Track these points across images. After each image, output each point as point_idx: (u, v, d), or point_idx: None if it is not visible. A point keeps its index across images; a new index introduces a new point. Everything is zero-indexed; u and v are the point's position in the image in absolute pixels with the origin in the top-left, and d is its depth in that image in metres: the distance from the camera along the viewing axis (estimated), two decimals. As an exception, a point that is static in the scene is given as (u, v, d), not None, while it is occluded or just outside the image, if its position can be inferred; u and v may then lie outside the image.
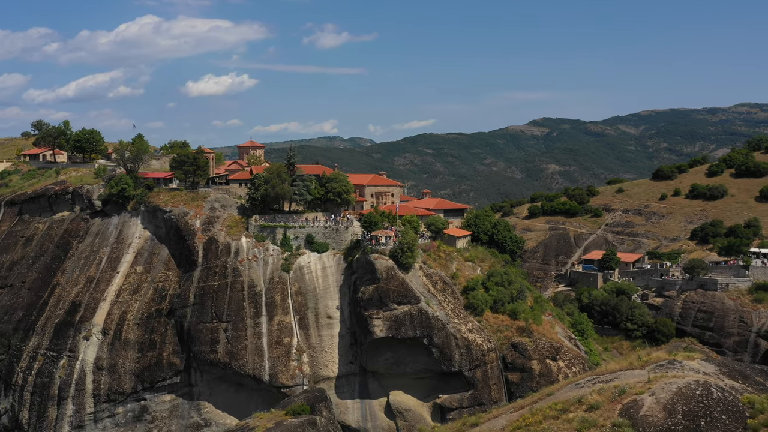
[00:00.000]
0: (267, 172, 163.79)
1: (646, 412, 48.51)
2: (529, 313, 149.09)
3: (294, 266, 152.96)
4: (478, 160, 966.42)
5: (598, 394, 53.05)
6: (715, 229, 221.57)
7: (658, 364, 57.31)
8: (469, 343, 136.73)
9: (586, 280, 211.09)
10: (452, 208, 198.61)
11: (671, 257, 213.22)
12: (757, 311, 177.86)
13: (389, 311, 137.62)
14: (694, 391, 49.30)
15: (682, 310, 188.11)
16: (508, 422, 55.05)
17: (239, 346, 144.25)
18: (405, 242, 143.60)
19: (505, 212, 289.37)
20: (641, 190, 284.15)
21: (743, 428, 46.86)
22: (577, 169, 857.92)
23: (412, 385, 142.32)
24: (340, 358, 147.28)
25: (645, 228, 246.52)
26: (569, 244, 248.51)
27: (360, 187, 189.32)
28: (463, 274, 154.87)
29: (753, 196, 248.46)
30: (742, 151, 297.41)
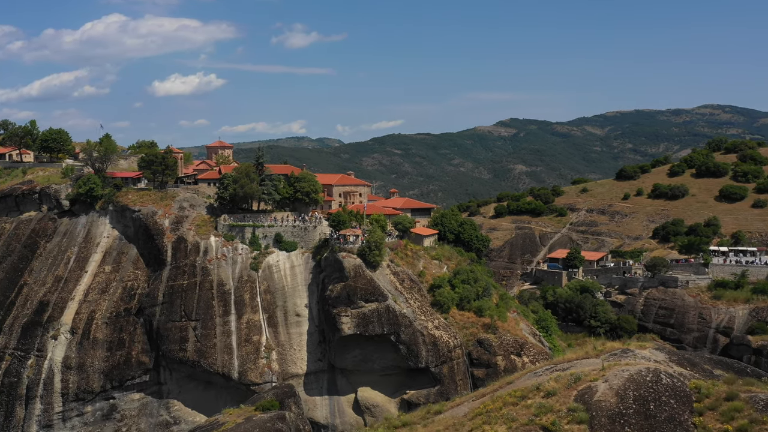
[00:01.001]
0: (236, 172, 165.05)
1: (599, 398, 51.17)
2: (495, 310, 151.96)
3: (263, 265, 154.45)
4: (446, 161, 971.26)
5: (555, 381, 55.71)
6: (676, 228, 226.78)
7: (612, 353, 60.16)
8: (435, 340, 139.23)
9: (551, 278, 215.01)
10: (419, 207, 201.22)
11: (634, 256, 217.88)
12: (716, 308, 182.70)
13: (357, 309, 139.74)
14: (645, 377, 52.04)
15: (644, 307, 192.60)
16: (470, 409, 57.54)
17: (208, 344, 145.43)
18: (372, 241, 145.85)
19: (471, 212, 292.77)
20: (605, 190, 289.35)
21: (690, 411, 49.66)
22: (543, 169, 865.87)
23: (379, 381, 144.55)
24: (309, 355, 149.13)
25: (608, 227, 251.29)
26: (535, 243, 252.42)
27: (328, 187, 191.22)
28: (429, 272, 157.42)
29: (713, 195, 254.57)
30: (703, 152, 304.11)
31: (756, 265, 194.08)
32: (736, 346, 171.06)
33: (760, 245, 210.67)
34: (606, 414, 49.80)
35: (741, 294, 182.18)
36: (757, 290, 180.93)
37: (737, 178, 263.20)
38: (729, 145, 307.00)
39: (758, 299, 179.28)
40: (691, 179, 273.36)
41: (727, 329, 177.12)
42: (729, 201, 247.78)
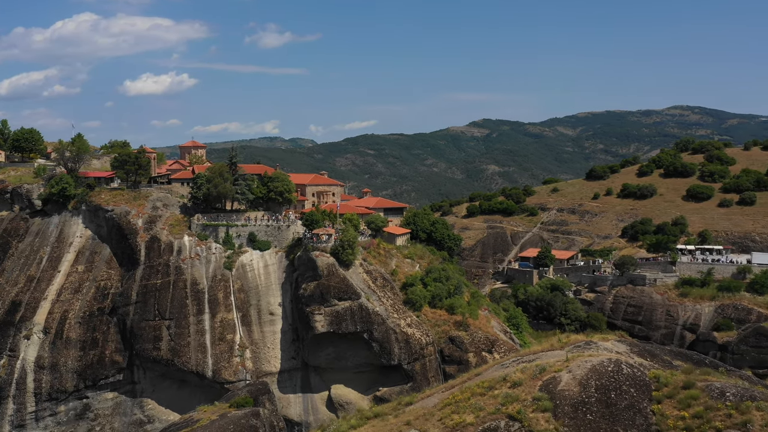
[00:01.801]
0: (209, 172, 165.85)
1: (563, 387, 53.26)
2: (466, 307, 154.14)
3: (236, 264, 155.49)
4: (419, 161, 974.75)
5: (521, 372, 57.79)
6: (645, 227, 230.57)
7: (576, 345, 62.36)
8: (408, 337, 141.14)
9: (522, 276, 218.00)
10: (392, 207, 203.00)
11: (603, 254, 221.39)
12: (683, 305, 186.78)
13: (330, 307, 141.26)
14: (607, 367, 54.22)
15: (612, 304, 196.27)
16: (440, 400, 59.46)
17: (182, 343, 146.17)
18: (345, 240, 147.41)
19: (444, 212, 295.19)
20: (575, 190, 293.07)
21: (649, 400, 51.92)
22: (516, 169, 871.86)
23: (352, 378, 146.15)
24: (283, 353, 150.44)
25: (579, 226, 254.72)
26: (506, 242, 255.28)
27: (301, 187, 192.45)
28: (402, 271, 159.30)
29: (680, 195, 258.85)
30: (671, 152, 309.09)
31: (721, 263, 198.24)
32: (702, 342, 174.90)
33: (726, 244, 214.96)
34: (569, 402, 51.92)
35: (707, 291, 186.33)
36: (723, 288, 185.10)
37: (704, 178, 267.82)
38: (696, 146, 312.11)
39: (723, 296, 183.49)
40: (660, 179, 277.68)
41: (694, 326, 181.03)
42: (696, 200, 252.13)
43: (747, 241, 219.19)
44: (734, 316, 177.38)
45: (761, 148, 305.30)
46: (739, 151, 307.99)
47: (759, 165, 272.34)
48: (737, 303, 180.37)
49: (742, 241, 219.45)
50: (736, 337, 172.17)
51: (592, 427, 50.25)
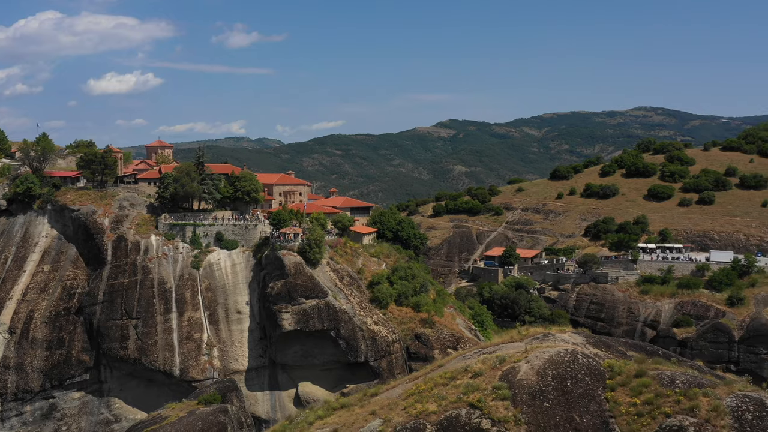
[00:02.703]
0: (176, 171, 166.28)
1: (522, 377, 55.59)
2: (432, 305, 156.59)
3: (204, 263, 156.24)
4: (386, 161, 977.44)
5: (482, 363, 60.06)
6: (607, 225, 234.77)
7: (534, 337, 64.79)
8: (374, 335, 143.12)
9: (488, 275, 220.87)
10: (358, 206, 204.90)
11: (566, 253, 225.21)
12: (643, 302, 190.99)
13: (298, 305, 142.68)
14: (563, 357, 56.64)
15: (576, 302, 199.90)
16: (404, 390, 61.57)
17: (149, 342, 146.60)
18: (312, 239, 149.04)
19: (410, 211, 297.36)
20: (539, 190, 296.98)
21: (603, 388, 54.40)
22: (482, 170, 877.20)
23: (320, 376, 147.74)
24: (250, 351, 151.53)
25: (543, 225, 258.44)
26: (472, 242, 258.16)
27: (269, 186, 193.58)
28: (368, 269, 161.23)
29: (642, 194, 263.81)
30: (633, 152, 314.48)
31: (681, 261, 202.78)
32: (663, 338, 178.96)
33: (686, 242, 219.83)
34: (527, 391, 54.26)
35: (667, 289, 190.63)
36: (682, 285, 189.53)
37: (665, 177, 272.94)
38: (657, 146, 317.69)
39: (683, 294, 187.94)
40: (622, 179, 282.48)
41: (654, 323, 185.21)
42: (657, 200, 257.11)
43: (706, 240, 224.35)
44: (693, 312, 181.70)
45: (720, 148, 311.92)
46: (698, 151, 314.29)
47: (718, 165, 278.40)
48: (696, 300, 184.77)
49: (701, 240, 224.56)
50: (695, 333, 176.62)
51: (549, 413, 52.62)
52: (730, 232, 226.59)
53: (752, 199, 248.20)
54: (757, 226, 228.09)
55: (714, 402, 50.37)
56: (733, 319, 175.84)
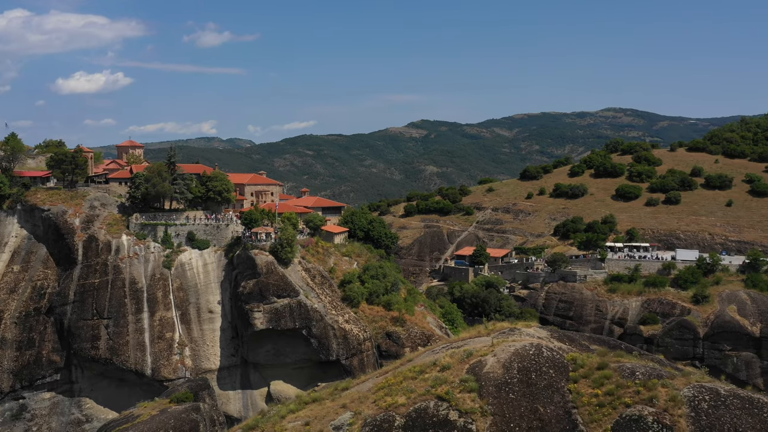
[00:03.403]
0: (148, 171, 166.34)
1: (488, 370, 57.33)
2: (403, 304, 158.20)
3: (175, 263, 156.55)
4: (357, 162, 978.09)
5: (450, 357, 61.79)
6: (576, 225, 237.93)
7: (501, 332, 66.64)
8: (346, 333, 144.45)
9: (458, 274, 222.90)
10: (330, 206, 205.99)
11: (536, 252, 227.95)
12: (611, 300, 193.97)
13: (269, 304, 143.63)
14: (528, 351, 58.48)
15: (545, 300, 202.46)
16: (374, 384, 63.17)
17: (121, 341, 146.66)
18: (284, 238, 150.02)
19: (382, 211, 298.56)
20: (509, 190, 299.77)
21: (566, 380, 56.29)
22: (454, 170, 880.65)
23: (292, 374, 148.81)
24: (222, 350, 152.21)
25: (513, 225, 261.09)
26: (443, 241, 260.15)
27: (240, 186, 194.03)
28: (340, 268, 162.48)
29: (610, 194, 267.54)
30: (601, 153, 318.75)
31: (648, 259, 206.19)
32: (630, 335, 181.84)
33: (652, 241, 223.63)
34: (493, 383, 56.04)
35: (634, 287, 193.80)
36: (649, 283, 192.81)
37: (632, 177, 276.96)
38: (625, 147, 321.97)
39: (650, 292, 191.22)
40: (590, 179, 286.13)
41: (622, 320, 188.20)
42: (624, 200, 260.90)
43: (672, 239, 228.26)
44: (659, 310, 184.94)
45: (686, 149, 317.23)
46: (665, 152, 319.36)
47: (684, 165, 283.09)
48: (662, 298, 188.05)
49: (667, 239, 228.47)
50: (661, 330, 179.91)
51: (514, 405, 54.40)
52: (695, 231, 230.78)
53: (717, 198, 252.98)
54: (721, 226, 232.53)
55: (672, 392, 52.45)
56: (698, 316, 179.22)
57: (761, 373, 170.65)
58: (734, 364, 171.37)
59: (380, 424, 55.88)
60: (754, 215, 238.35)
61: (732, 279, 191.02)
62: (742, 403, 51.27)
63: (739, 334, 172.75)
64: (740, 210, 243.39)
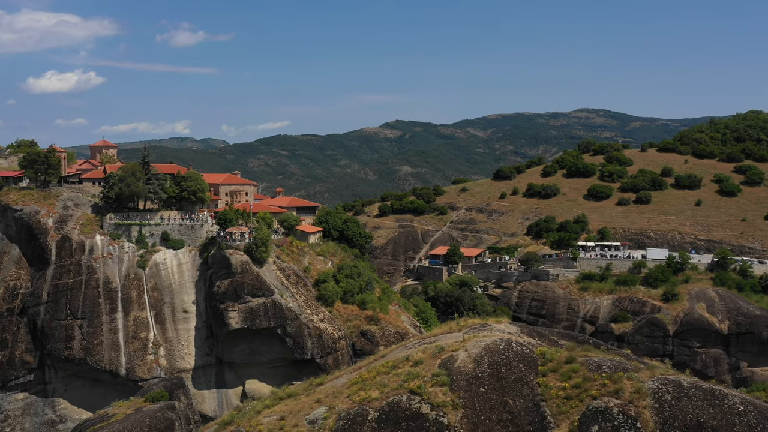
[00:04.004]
0: (122, 171, 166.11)
1: (459, 364, 58.72)
2: (377, 303, 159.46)
3: (150, 263, 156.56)
4: (332, 162, 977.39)
5: (422, 352, 63.17)
6: (548, 224, 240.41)
7: (472, 328, 68.05)
8: (320, 332, 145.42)
9: (432, 273, 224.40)
10: (304, 206, 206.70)
11: (509, 251, 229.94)
12: (583, 299, 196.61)
13: (244, 304, 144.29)
14: (499, 346, 59.94)
15: (518, 299, 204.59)
16: (348, 379, 64.40)
17: (95, 341, 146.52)
18: (259, 238, 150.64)
19: (356, 211, 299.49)
20: (483, 190, 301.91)
21: (535, 373, 57.84)
22: (428, 170, 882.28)
23: (266, 373, 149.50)
24: (197, 350, 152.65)
25: (486, 224, 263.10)
26: (417, 241, 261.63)
27: (215, 186, 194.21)
28: (314, 268, 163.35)
29: (582, 194, 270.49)
30: (573, 153, 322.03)
31: (619, 258, 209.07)
32: (601, 333, 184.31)
33: (623, 240, 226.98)
34: (464, 377, 57.44)
35: (605, 285, 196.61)
36: (620, 282, 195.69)
37: (604, 178, 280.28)
38: (597, 147, 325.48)
39: (620, 290, 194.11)
40: (563, 179, 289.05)
41: (594, 318, 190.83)
42: (596, 199, 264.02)
43: (642, 238, 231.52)
44: (630, 308, 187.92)
45: (657, 149, 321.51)
46: (636, 152, 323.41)
47: (654, 166, 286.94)
48: (633, 296, 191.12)
49: (638, 238, 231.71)
50: (632, 327, 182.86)
51: (484, 398, 55.83)
52: (665, 230, 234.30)
53: (687, 198, 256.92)
54: (691, 225, 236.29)
55: (637, 385, 54.16)
56: (668, 314, 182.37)
57: (729, 369, 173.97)
58: (703, 361, 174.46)
59: (354, 418, 57.08)
60: (722, 215, 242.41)
61: (701, 277, 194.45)
62: (704, 394, 53.02)
63: (707, 332, 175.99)
64: (709, 209, 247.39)
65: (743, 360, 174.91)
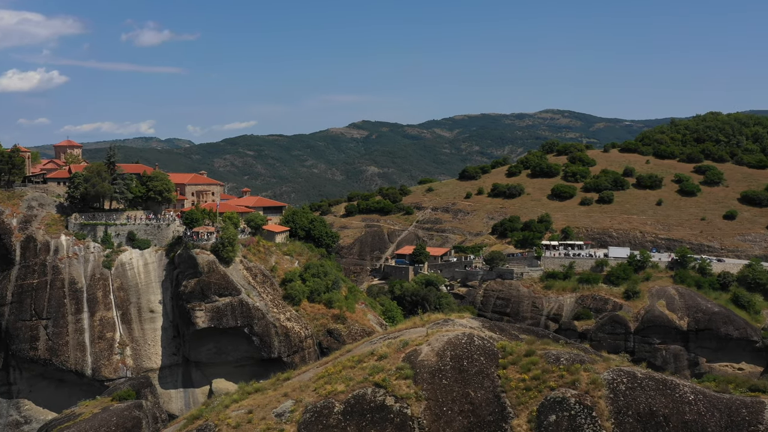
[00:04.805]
0: (87, 171, 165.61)
1: (423, 358, 60.60)
2: (344, 301, 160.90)
3: (116, 263, 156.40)
4: (299, 162, 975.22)
5: (387, 347, 64.96)
6: (513, 224, 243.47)
7: (435, 323, 70.03)
8: (287, 331, 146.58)
9: (399, 273, 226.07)
10: (271, 205, 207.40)
11: (474, 250, 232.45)
12: (547, 297, 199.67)
13: (211, 303, 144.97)
14: (461, 340, 61.91)
15: (483, 297, 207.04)
16: (315, 374, 65.99)
17: (60, 342, 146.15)
18: (226, 237, 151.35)
19: (323, 211, 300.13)
20: (449, 189, 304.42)
21: (496, 366, 59.90)
22: (395, 170, 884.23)
23: (233, 372, 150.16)
24: (163, 350, 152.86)
25: (452, 224, 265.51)
26: (383, 240, 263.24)
27: (181, 186, 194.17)
28: (281, 267, 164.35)
29: (546, 194, 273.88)
30: (537, 153, 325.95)
31: (582, 257, 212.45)
32: (564, 330, 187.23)
33: (586, 239, 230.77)
34: (428, 370, 59.32)
35: (569, 284, 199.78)
36: (582, 280, 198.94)
37: (567, 178, 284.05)
38: (561, 148, 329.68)
39: (583, 288, 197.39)
40: (527, 179, 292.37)
41: (557, 316, 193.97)
42: (560, 199, 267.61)
43: (605, 237, 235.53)
44: (593, 306, 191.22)
45: (619, 150, 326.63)
46: (599, 152, 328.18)
47: (616, 166, 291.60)
48: (595, 294, 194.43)
49: (600, 237, 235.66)
50: (594, 325, 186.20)
51: (447, 390, 57.71)
52: (627, 229, 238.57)
53: (648, 198, 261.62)
54: (651, 224, 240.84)
55: (593, 376, 56.47)
56: (629, 311, 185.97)
57: (688, 365, 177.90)
58: (663, 357, 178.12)
59: (320, 411, 58.66)
60: (682, 214, 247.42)
61: (661, 275, 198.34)
62: (657, 384, 55.42)
63: (667, 328, 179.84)
64: (669, 209, 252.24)
65: (702, 356, 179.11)
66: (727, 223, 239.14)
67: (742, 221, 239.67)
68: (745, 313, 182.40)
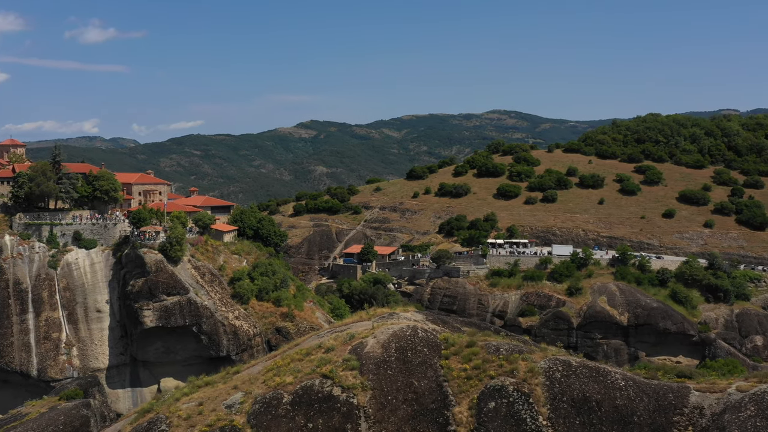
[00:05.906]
0: (32, 170, 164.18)
1: (368, 350, 62.81)
2: (292, 300, 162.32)
3: (62, 263, 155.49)
4: (246, 162, 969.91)
5: (334, 340, 67.06)
6: (459, 223, 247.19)
7: (381, 316, 72.35)
8: (236, 329, 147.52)
9: (347, 272, 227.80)
10: (219, 205, 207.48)
11: (422, 249, 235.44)
12: (492, 294, 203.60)
13: (159, 302, 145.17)
14: (405, 332, 64.29)
15: (430, 295, 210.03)
16: (264, 367, 67.77)
17: (5, 343, 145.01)
18: (173, 237, 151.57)
19: (271, 211, 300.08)
20: (396, 189, 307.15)
21: (438, 357, 62.40)
22: (344, 170, 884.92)
23: (181, 371, 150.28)
24: (111, 350, 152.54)
25: (399, 223, 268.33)
26: (331, 240, 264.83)
27: (127, 186, 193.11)
28: (229, 266, 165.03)
29: (491, 193, 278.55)
30: (483, 154, 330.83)
31: (526, 255, 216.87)
32: (510, 327, 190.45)
33: (531, 238, 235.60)
34: (373, 362, 61.59)
35: (514, 281, 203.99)
36: (527, 277, 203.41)
37: (512, 177, 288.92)
38: (506, 148, 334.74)
39: (528, 285, 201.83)
40: (473, 179, 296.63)
41: (502, 313, 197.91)
42: (505, 198, 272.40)
43: (549, 235, 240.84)
44: (537, 302, 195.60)
45: (563, 150, 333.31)
46: (543, 153, 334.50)
47: (560, 166, 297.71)
48: (540, 291, 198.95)
49: (544, 235, 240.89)
50: (539, 321, 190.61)
51: (392, 380, 60.05)
52: (570, 227, 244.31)
53: (590, 197, 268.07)
54: (594, 222, 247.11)
55: (530, 365, 59.37)
56: (572, 307, 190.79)
57: (629, 359, 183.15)
58: (604, 352, 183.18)
59: (269, 402, 60.46)
60: (623, 212, 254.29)
61: (603, 272, 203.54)
62: (590, 372, 58.53)
63: (609, 324, 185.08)
64: (611, 208, 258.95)
65: (641, 350, 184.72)
66: (666, 221, 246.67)
67: (680, 219, 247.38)
68: (683, 309, 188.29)
